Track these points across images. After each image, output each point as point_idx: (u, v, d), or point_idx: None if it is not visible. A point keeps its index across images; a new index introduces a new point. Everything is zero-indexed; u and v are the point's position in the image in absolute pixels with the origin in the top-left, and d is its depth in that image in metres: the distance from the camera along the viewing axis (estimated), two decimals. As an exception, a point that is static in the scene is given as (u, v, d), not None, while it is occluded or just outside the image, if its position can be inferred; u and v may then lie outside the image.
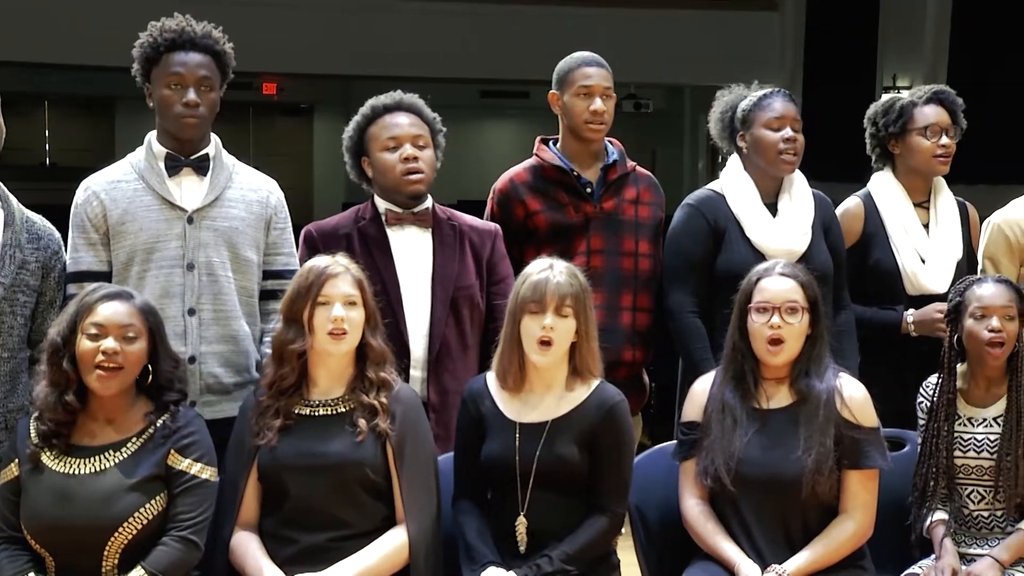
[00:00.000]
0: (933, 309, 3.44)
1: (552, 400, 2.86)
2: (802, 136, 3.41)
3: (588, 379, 2.87)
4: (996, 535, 2.96)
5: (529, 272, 2.86)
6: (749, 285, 2.92)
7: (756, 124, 3.40)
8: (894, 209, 3.58)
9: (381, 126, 3.26)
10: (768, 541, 2.82)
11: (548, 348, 2.80)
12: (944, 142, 3.55)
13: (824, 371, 2.88)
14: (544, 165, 3.54)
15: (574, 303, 2.81)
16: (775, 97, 3.40)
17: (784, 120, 3.37)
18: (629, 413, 2.91)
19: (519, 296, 2.83)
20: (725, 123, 3.51)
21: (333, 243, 3.18)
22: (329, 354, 2.81)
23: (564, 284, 2.81)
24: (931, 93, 3.62)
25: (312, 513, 2.75)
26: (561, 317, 2.79)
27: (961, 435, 3.01)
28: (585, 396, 2.85)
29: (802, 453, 2.80)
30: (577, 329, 2.82)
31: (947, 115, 3.58)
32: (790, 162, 3.39)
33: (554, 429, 2.82)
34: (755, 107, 3.41)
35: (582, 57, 3.56)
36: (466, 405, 2.92)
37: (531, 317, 2.80)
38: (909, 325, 3.47)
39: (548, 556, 2.75)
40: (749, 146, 3.43)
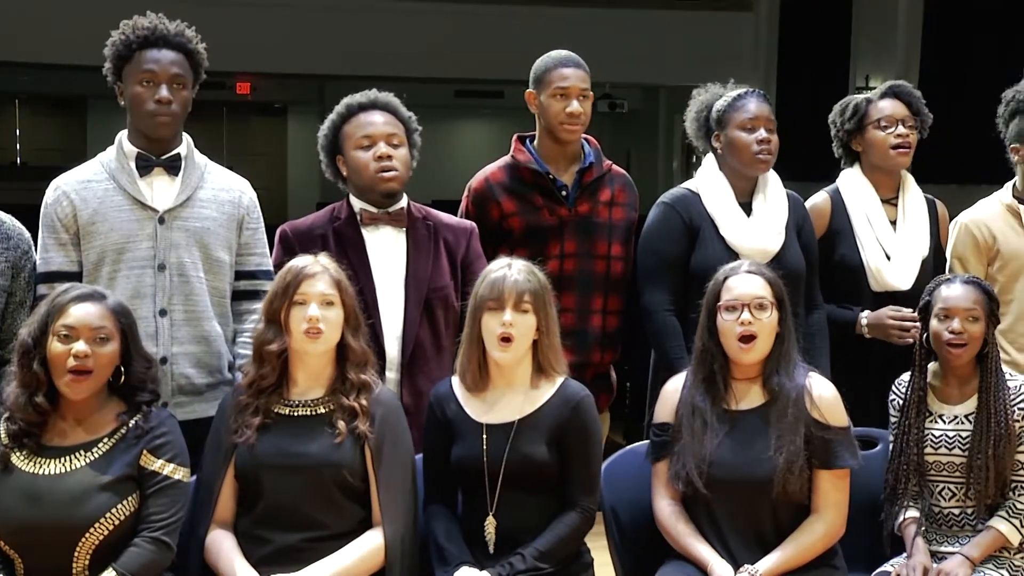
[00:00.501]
0: (886, 314, 3.46)
1: (518, 399, 2.86)
2: (776, 136, 3.43)
3: (552, 376, 2.88)
4: (967, 533, 2.98)
5: (487, 271, 2.89)
6: (716, 285, 2.94)
7: (730, 125, 3.41)
8: (861, 205, 3.60)
9: (356, 124, 3.25)
10: (740, 541, 2.83)
11: (509, 344, 2.80)
12: (901, 131, 3.57)
13: (793, 369, 2.90)
14: (520, 166, 3.54)
15: (533, 299, 2.82)
16: (749, 98, 3.42)
17: (758, 121, 3.39)
18: (595, 408, 2.92)
19: (478, 295, 2.85)
20: (700, 123, 3.52)
21: (308, 243, 3.17)
22: (307, 353, 2.80)
23: (522, 281, 2.82)
24: (886, 88, 3.66)
25: (288, 513, 2.74)
26: (520, 313, 2.81)
27: (932, 432, 3.03)
28: (550, 394, 2.86)
29: (773, 453, 2.82)
30: (538, 326, 2.84)
31: (903, 107, 3.60)
32: (765, 162, 3.41)
33: (521, 428, 2.83)
34: (729, 108, 3.42)
35: (559, 57, 3.56)
36: (433, 409, 2.93)
37: (490, 314, 2.81)
38: (863, 327, 3.49)
39: (521, 554, 2.76)
40: (724, 146, 3.45)
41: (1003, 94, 3.70)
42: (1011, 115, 3.64)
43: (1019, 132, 3.59)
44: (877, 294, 3.54)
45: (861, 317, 3.50)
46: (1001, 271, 3.57)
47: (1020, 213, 3.58)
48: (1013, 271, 3.56)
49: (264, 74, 13.14)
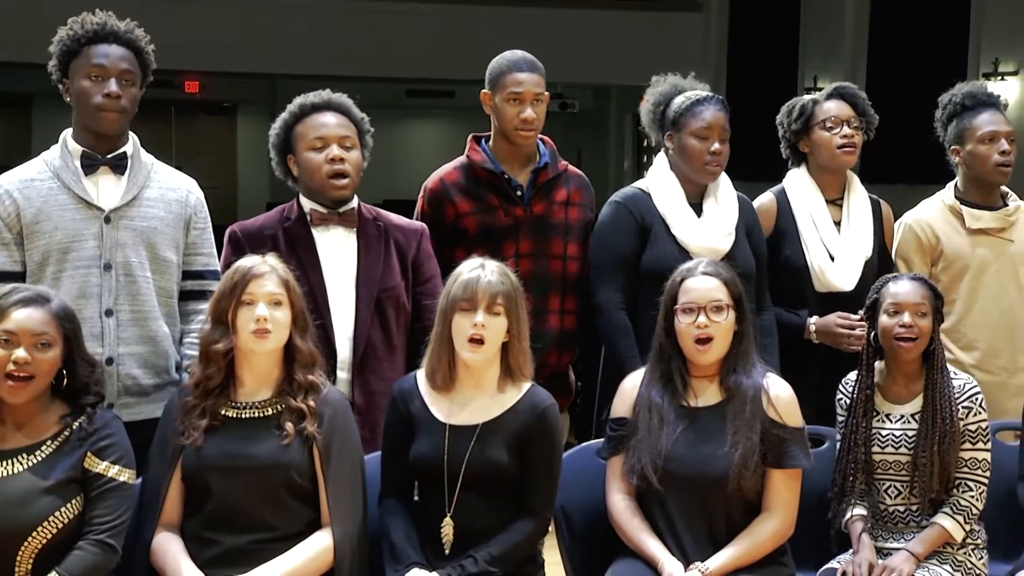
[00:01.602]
0: (834, 321, 3.48)
1: (483, 402, 2.85)
2: (727, 147, 3.43)
3: (519, 381, 2.87)
4: (912, 529, 3.01)
5: (460, 271, 2.86)
6: (674, 286, 2.94)
7: (684, 130, 3.41)
8: (805, 206, 3.63)
9: (309, 125, 3.23)
10: (692, 538, 2.84)
11: (479, 346, 2.79)
12: (846, 132, 3.60)
13: (751, 368, 2.92)
14: (475, 166, 3.53)
15: (505, 301, 2.80)
16: (707, 106, 3.41)
17: (712, 131, 3.39)
18: (559, 416, 2.92)
19: (450, 295, 2.82)
20: (656, 115, 3.53)
21: (258, 243, 3.15)
22: (254, 353, 2.78)
23: (496, 283, 2.81)
24: (832, 89, 3.69)
25: (235, 515, 2.72)
26: (492, 315, 2.79)
27: (879, 431, 3.06)
28: (516, 399, 2.85)
29: (729, 448, 2.83)
30: (509, 328, 2.82)
31: (848, 108, 3.63)
32: (712, 173, 3.42)
33: (484, 432, 2.81)
34: (686, 112, 3.42)
35: (515, 60, 3.54)
36: (395, 404, 2.91)
37: (462, 315, 2.79)
38: (812, 333, 3.52)
39: (473, 557, 2.74)
40: (675, 148, 3.46)
41: (939, 99, 3.74)
42: (949, 118, 3.69)
43: (958, 134, 3.64)
44: (820, 294, 3.57)
45: (809, 323, 3.52)
46: (945, 271, 3.61)
47: (962, 214, 3.62)
48: (956, 271, 3.60)
49: (213, 73, 13.05)
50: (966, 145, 3.61)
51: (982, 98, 3.66)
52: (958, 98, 3.67)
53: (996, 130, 3.58)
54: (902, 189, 7.72)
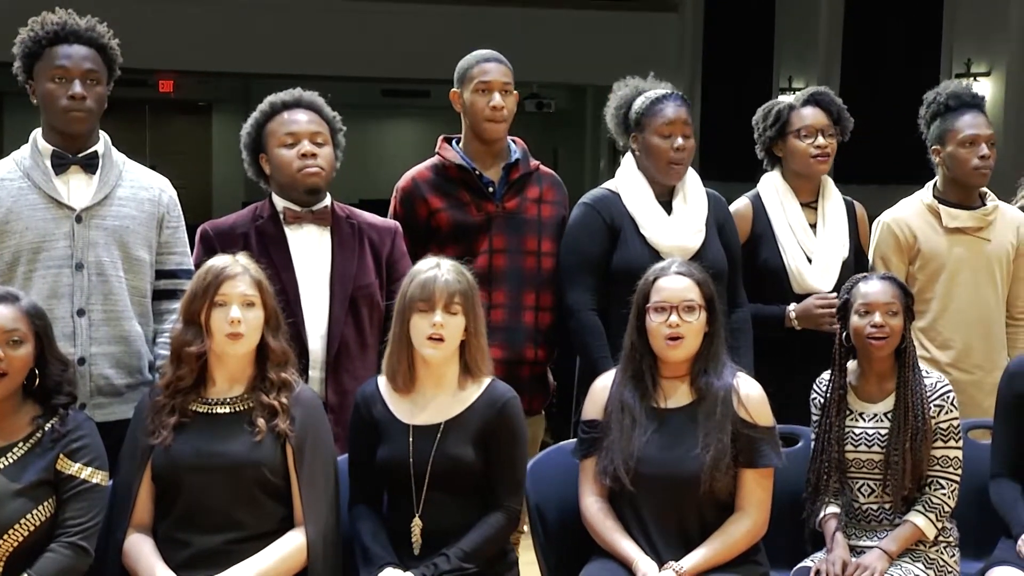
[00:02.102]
0: (812, 303, 3.50)
1: (444, 400, 2.86)
2: (692, 141, 3.44)
3: (479, 377, 2.87)
4: (885, 527, 3.02)
5: (416, 271, 2.87)
6: (646, 285, 2.95)
7: (648, 129, 3.42)
8: (781, 209, 3.64)
9: (279, 122, 3.23)
10: (665, 538, 2.85)
11: (439, 343, 2.80)
12: (820, 143, 3.61)
13: (722, 369, 2.92)
14: (446, 164, 3.54)
15: (463, 300, 2.81)
16: (667, 103, 3.42)
17: (675, 127, 3.40)
18: (521, 408, 2.92)
19: (407, 295, 2.83)
20: (620, 119, 3.53)
21: (230, 242, 3.14)
22: (227, 355, 2.78)
23: (452, 282, 2.82)
24: (808, 95, 3.69)
25: (207, 514, 2.71)
26: (450, 314, 2.80)
27: (852, 429, 3.07)
28: (477, 395, 2.86)
29: (700, 450, 2.84)
30: (466, 326, 2.83)
31: (824, 116, 3.64)
32: (677, 172, 3.43)
33: (448, 430, 2.82)
34: (648, 112, 3.42)
35: (481, 54, 3.57)
36: (359, 409, 2.91)
37: (420, 315, 2.80)
38: (793, 320, 3.54)
39: (445, 555, 2.75)
40: (640, 148, 3.47)
41: (925, 95, 3.75)
42: (932, 117, 3.70)
43: (940, 134, 3.65)
44: (799, 296, 3.58)
45: (789, 311, 3.54)
46: (922, 270, 3.62)
47: (940, 213, 3.64)
48: (933, 270, 3.62)
49: (188, 72, 13.00)
50: (947, 146, 3.63)
51: (966, 99, 3.67)
52: (943, 97, 3.68)
53: (977, 134, 3.59)
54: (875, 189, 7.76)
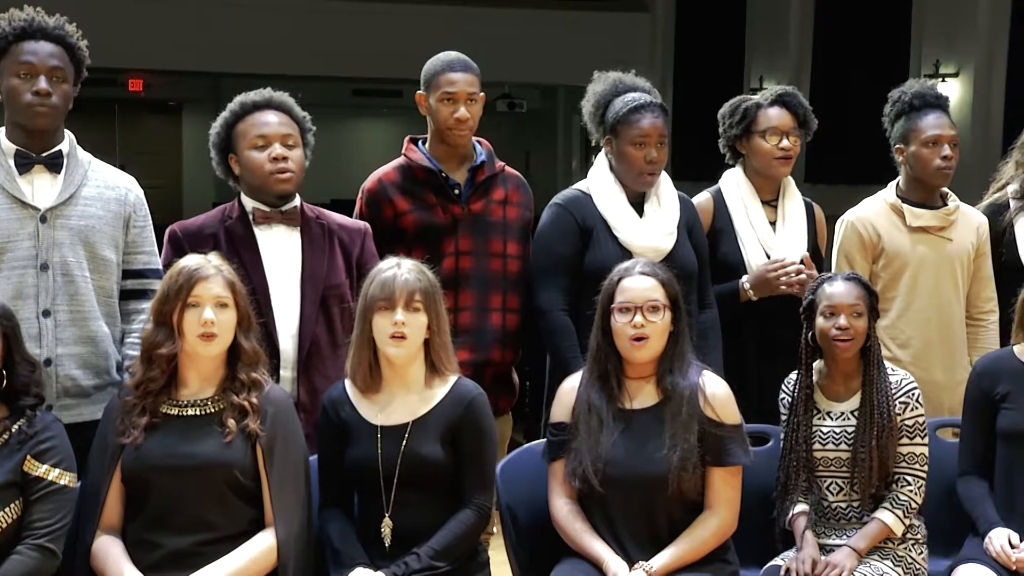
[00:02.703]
0: (764, 269, 3.51)
1: (411, 400, 2.86)
2: (666, 150, 3.44)
3: (445, 376, 2.88)
4: (854, 525, 3.04)
5: (377, 271, 2.87)
6: (611, 285, 2.96)
7: (622, 138, 3.42)
8: (742, 205, 3.66)
9: (250, 124, 3.22)
10: (635, 538, 2.86)
11: (402, 341, 2.80)
12: (784, 144, 3.63)
13: (687, 368, 2.93)
14: (412, 165, 3.53)
15: (424, 298, 2.82)
16: (644, 114, 3.41)
17: (650, 138, 3.40)
18: (488, 405, 2.92)
19: (368, 295, 2.83)
20: (596, 118, 3.53)
21: (199, 243, 3.13)
22: (200, 356, 2.77)
23: (412, 280, 2.82)
24: (776, 95, 3.69)
25: (177, 516, 2.70)
26: (412, 312, 2.80)
27: (820, 428, 3.09)
28: (443, 393, 2.86)
29: (667, 451, 2.85)
30: (429, 324, 2.83)
31: (790, 117, 3.66)
32: (649, 182, 3.44)
33: (415, 429, 2.82)
34: (623, 120, 3.42)
35: (448, 60, 3.55)
36: (326, 412, 2.91)
37: (381, 315, 2.80)
38: (748, 291, 3.55)
39: (416, 553, 2.75)
40: (613, 154, 3.47)
41: (890, 94, 3.77)
42: (896, 116, 3.72)
43: (904, 133, 3.68)
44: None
45: (742, 282, 3.55)
46: (885, 268, 3.65)
47: (904, 212, 3.66)
48: (897, 269, 3.64)
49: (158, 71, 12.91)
50: (910, 146, 3.65)
51: (930, 99, 3.70)
52: (907, 97, 3.70)
53: (940, 134, 3.62)
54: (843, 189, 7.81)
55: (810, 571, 2.90)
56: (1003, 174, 3.91)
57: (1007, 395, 3.07)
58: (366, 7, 11.60)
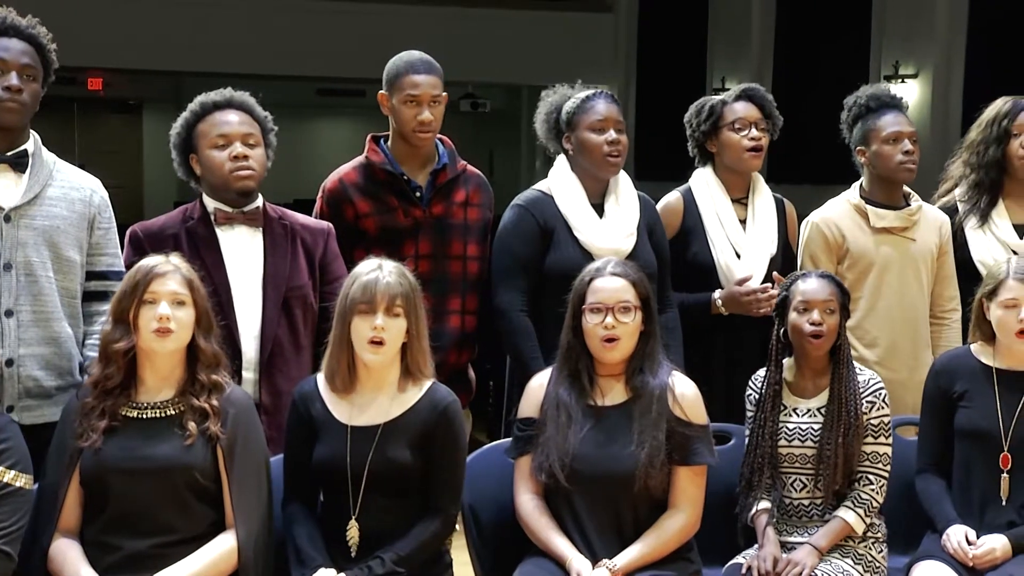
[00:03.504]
0: (736, 290, 3.53)
1: (384, 402, 2.84)
2: (625, 137, 3.47)
3: (420, 380, 2.87)
4: (815, 523, 3.06)
5: (358, 273, 2.85)
6: (582, 286, 2.96)
7: (580, 127, 3.44)
8: (712, 204, 3.67)
9: (210, 123, 3.20)
10: (599, 536, 2.86)
11: (380, 347, 2.79)
12: (754, 135, 3.65)
13: (657, 367, 2.94)
14: (374, 167, 3.52)
15: (404, 303, 2.80)
16: (598, 99, 3.45)
17: (607, 122, 3.42)
18: (462, 413, 2.92)
19: (348, 297, 2.81)
20: (551, 124, 3.55)
21: (160, 243, 3.11)
22: (155, 353, 2.75)
23: (394, 284, 2.80)
24: (740, 90, 3.73)
25: (136, 518, 2.68)
26: (392, 317, 2.79)
27: (786, 424, 3.11)
28: (417, 398, 2.85)
29: (635, 447, 2.85)
30: (408, 329, 2.82)
31: (756, 110, 3.68)
32: (614, 164, 3.45)
33: (386, 432, 2.81)
34: (579, 110, 3.45)
35: (411, 61, 3.53)
36: (296, 407, 2.89)
37: (361, 317, 2.79)
38: (719, 306, 3.57)
39: (380, 558, 2.74)
40: (574, 148, 3.48)
41: (845, 100, 3.81)
42: (854, 119, 3.75)
43: (863, 135, 3.71)
44: (727, 291, 3.62)
45: (714, 298, 3.57)
46: (850, 269, 3.66)
47: (868, 213, 3.69)
48: (861, 269, 3.66)
49: (118, 70, 12.80)
50: (871, 146, 3.68)
51: (886, 100, 3.73)
52: (863, 100, 3.74)
53: (900, 131, 3.65)
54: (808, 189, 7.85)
55: (771, 569, 2.92)
56: (950, 174, 3.96)
57: (964, 393, 3.11)
58: (330, 6, 11.56)
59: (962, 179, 3.88)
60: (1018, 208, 3.82)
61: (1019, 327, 3.02)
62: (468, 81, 13.12)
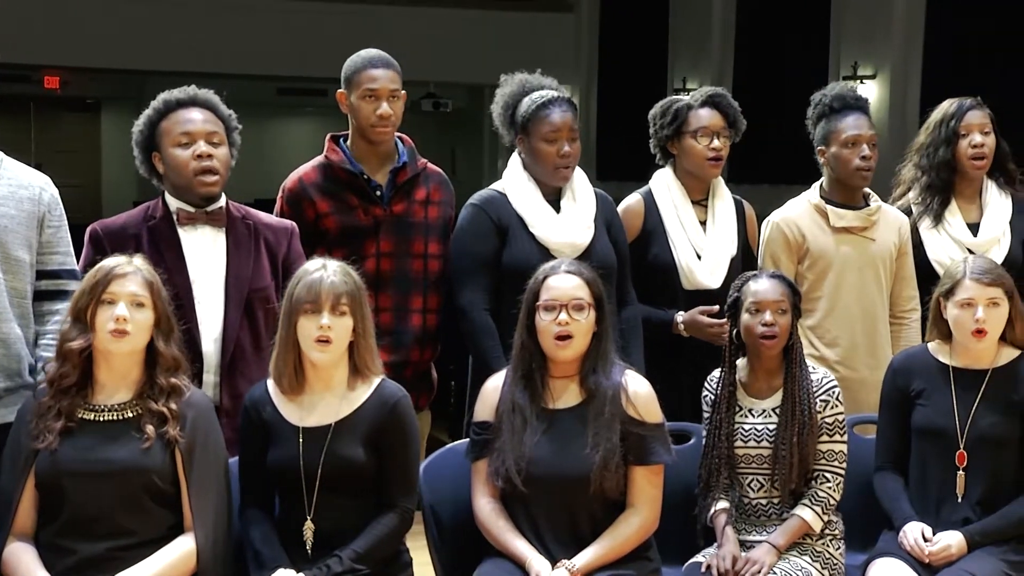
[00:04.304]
0: (698, 312, 3.55)
1: (334, 401, 2.84)
2: (578, 144, 3.46)
3: (369, 377, 2.86)
4: (774, 522, 3.08)
5: (303, 272, 2.85)
6: (536, 284, 2.96)
7: (534, 135, 3.43)
8: (672, 206, 3.68)
9: (174, 121, 3.17)
10: (557, 537, 2.86)
11: (327, 345, 2.78)
12: (716, 145, 3.66)
13: (610, 368, 2.95)
14: (334, 166, 3.51)
15: (350, 301, 2.80)
16: (553, 108, 3.42)
17: (560, 132, 3.41)
18: (412, 408, 2.91)
19: (293, 297, 2.81)
20: (506, 118, 3.54)
21: (121, 243, 3.08)
22: (112, 354, 2.73)
23: (339, 283, 2.80)
24: (706, 96, 3.72)
25: (93, 521, 2.66)
26: (338, 316, 2.79)
27: (742, 425, 3.13)
28: (367, 395, 2.85)
29: (590, 450, 2.86)
30: (354, 327, 2.82)
31: (720, 118, 3.69)
32: (564, 176, 3.45)
33: (337, 431, 2.80)
34: (533, 117, 3.43)
35: (369, 57, 3.53)
36: (248, 412, 2.88)
37: (307, 317, 2.78)
38: (679, 326, 3.59)
39: (338, 556, 2.73)
40: (527, 152, 3.48)
41: (812, 96, 3.82)
42: (818, 118, 3.77)
43: (825, 135, 3.73)
44: (688, 292, 3.62)
45: (676, 319, 3.58)
46: (810, 269, 3.69)
47: (827, 213, 3.71)
48: (822, 269, 3.68)
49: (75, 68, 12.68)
50: (831, 147, 3.70)
51: (850, 101, 3.75)
52: (827, 99, 3.75)
53: (859, 135, 3.67)
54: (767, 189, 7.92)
55: (731, 567, 2.93)
56: (902, 178, 3.99)
57: (922, 392, 3.13)
58: (292, 5, 11.52)
59: (914, 182, 3.91)
60: (970, 207, 3.86)
61: (975, 326, 3.05)
62: (430, 80, 13.09)
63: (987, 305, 3.05)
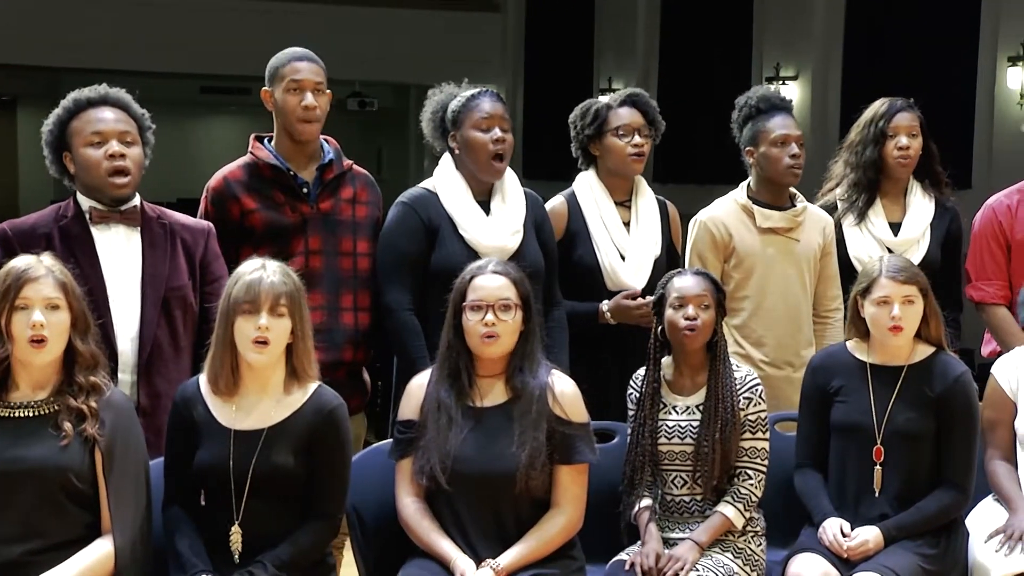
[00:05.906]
0: (622, 298, 3.57)
1: (268, 405, 2.81)
2: (511, 136, 3.48)
3: (305, 382, 2.83)
4: (697, 519, 3.10)
5: (241, 272, 2.81)
6: (463, 284, 2.96)
7: (465, 125, 3.43)
8: (596, 208, 3.70)
9: (85, 120, 3.12)
10: (482, 536, 2.86)
11: (264, 347, 2.75)
12: (637, 141, 3.68)
13: (537, 367, 2.95)
14: (259, 163, 3.48)
15: (289, 302, 2.77)
16: (483, 98, 3.45)
17: (493, 120, 3.43)
18: (348, 417, 2.89)
19: (231, 297, 2.77)
20: (436, 123, 3.54)
21: (31, 243, 3.02)
22: (31, 363, 2.67)
23: (278, 283, 2.77)
24: (625, 96, 3.76)
25: (6, 523, 2.60)
26: (276, 317, 2.75)
27: (665, 422, 3.15)
28: (303, 401, 2.82)
29: (516, 449, 2.86)
30: (293, 329, 2.79)
31: (640, 116, 3.71)
32: (498, 170, 3.45)
33: (271, 437, 2.77)
34: (464, 108, 3.45)
35: (292, 53, 3.52)
36: (178, 409, 2.84)
37: (245, 318, 2.75)
38: (606, 314, 3.60)
39: (262, 563, 2.70)
40: (460, 146, 3.47)
41: (736, 100, 3.87)
42: (744, 120, 3.81)
43: (752, 135, 3.77)
44: (613, 293, 3.63)
45: (602, 308, 3.59)
46: (737, 268, 3.72)
47: (754, 213, 3.75)
48: (747, 268, 3.72)
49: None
50: (760, 147, 3.74)
51: (775, 102, 3.80)
52: (753, 101, 3.80)
53: (787, 134, 3.72)
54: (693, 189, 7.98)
55: (654, 564, 2.95)
56: (833, 173, 4.06)
57: (840, 389, 3.18)
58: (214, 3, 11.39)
59: (843, 178, 3.97)
60: (894, 207, 3.92)
61: (892, 323, 3.10)
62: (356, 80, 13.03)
63: (903, 302, 3.10)
